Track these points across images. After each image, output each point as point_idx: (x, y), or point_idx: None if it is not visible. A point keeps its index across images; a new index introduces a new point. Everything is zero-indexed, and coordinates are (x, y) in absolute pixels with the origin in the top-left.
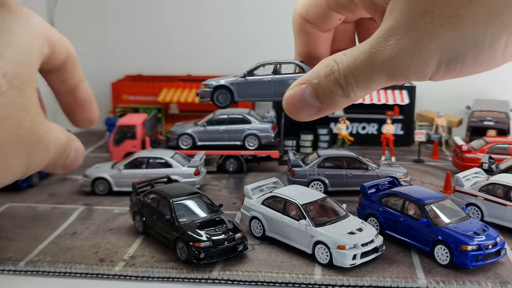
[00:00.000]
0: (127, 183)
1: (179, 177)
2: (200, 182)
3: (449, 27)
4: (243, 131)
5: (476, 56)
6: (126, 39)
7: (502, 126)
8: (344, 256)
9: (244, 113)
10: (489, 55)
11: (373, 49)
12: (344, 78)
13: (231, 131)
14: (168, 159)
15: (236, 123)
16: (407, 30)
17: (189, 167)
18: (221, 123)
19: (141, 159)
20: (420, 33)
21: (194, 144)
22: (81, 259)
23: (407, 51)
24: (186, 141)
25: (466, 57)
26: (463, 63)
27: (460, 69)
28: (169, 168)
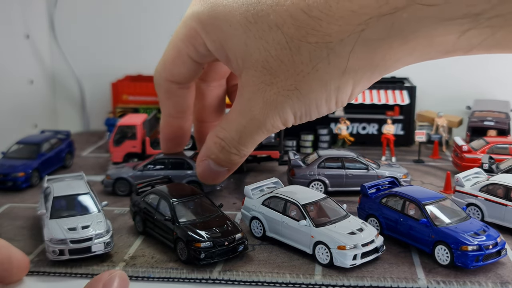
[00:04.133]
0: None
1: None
2: (222, 184)
3: (293, 97)
4: None
5: (317, 112)
6: (126, 39)
7: (503, 126)
8: (345, 256)
9: None
10: (326, 109)
11: (245, 119)
12: (234, 148)
13: None
14: (189, 160)
15: None
16: (265, 101)
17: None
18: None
19: (161, 160)
20: (275, 101)
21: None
22: (81, 259)
23: (272, 115)
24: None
25: (311, 113)
26: (310, 116)
27: (309, 119)
28: (189, 170)
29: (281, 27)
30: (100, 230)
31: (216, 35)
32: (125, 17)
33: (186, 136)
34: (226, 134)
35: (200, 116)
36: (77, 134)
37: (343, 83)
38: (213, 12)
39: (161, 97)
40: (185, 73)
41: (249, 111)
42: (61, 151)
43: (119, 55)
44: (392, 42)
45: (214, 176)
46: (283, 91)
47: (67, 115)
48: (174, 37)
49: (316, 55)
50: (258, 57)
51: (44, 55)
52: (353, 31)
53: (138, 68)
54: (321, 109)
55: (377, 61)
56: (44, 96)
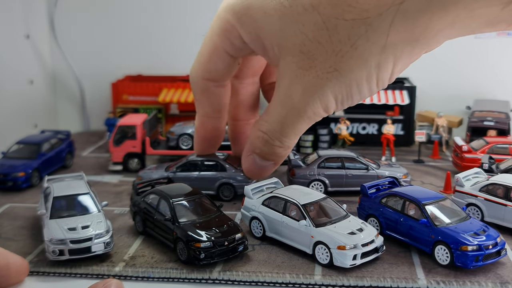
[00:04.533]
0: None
1: (232, 181)
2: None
3: (332, 79)
4: None
5: (359, 93)
6: (126, 39)
7: (503, 126)
8: (344, 256)
9: None
10: (367, 89)
11: (286, 108)
12: (278, 141)
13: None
14: (222, 162)
15: None
16: (304, 87)
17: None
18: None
19: (194, 162)
20: (314, 86)
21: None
22: (81, 259)
23: (312, 101)
24: (186, 141)
25: (353, 96)
26: (352, 99)
27: (351, 103)
28: (222, 172)
29: (316, 7)
30: (100, 230)
31: (251, 25)
32: (125, 17)
33: (221, 136)
34: (268, 127)
35: (234, 114)
36: (77, 134)
37: (383, 59)
38: (247, 2)
39: (198, 96)
40: (222, 69)
41: (289, 99)
42: (61, 151)
43: (119, 55)
44: (432, 14)
45: (261, 171)
46: (322, 74)
47: (67, 115)
48: (210, 33)
49: (354, 32)
50: (295, 41)
51: (44, 55)
52: (392, 3)
53: (138, 68)
54: (362, 90)
55: (417, 34)
56: (44, 96)
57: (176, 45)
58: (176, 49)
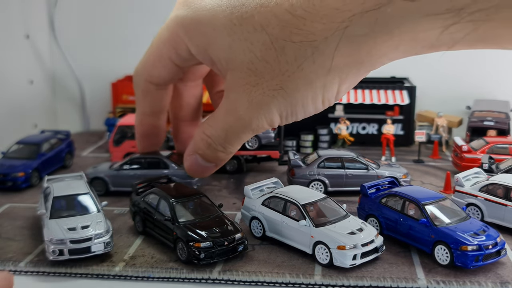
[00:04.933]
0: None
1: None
2: (197, 183)
3: (278, 97)
4: None
5: (304, 112)
6: (126, 39)
7: (502, 126)
8: (344, 256)
9: None
10: (313, 108)
11: (231, 118)
12: (221, 146)
13: None
14: (165, 159)
15: None
16: (250, 102)
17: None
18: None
19: (137, 160)
20: (260, 102)
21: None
22: (81, 259)
23: (257, 116)
24: None
25: (298, 113)
26: (297, 116)
27: (295, 119)
28: (165, 169)
29: (266, 27)
30: (100, 230)
31: (199, 39)
32: (125, 17)
33: (161, 134)
34: (213, 132)
35: (177, 115)
36: (77, 134)
37: (329, 81)
38: (197, 16)
39: (138, 96)
40: (165, 75)
41: (234, 111)
42: (61, 151)
43: (119, 55)
44: (376, 38)
45: (202, 170)
46: (268, 91)
47: (67, 115)
48: (157, 40)
49: (300, 54)
50: (243, 59)
51: (44, 55)
52: (337, 28)
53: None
54: (307, 109)
55: (362, 58)
56: (44, 96)
57: None
58: None
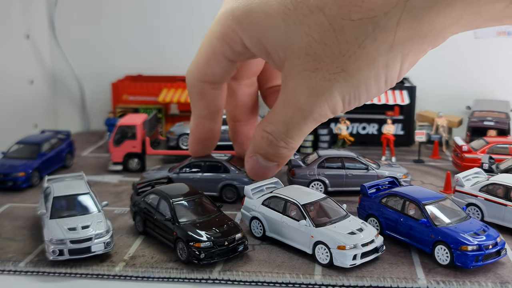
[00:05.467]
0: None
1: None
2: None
3: (340, 80)
4: None
5: (367, 94)
6: (126, 39)
7: (502, 126)
8: (344, 256)
9: None
10: (376, 89)
11: (291, 110)
12: (283, 142)
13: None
14: (225, 163)
15: None
16: (311, 89)
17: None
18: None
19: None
20: (321, 88)
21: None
22: (81, 259)
23: (319, 103)
24: (186, 141)
25: (361, 96)
26: (360, 100)
27: (358, 103)
28: (225, 173)
29: (322, 8)
30: (100, 230)
31: (253, 30)
32: (125, 17)
33: (216, 138)
34: (273, 128)
35: (234, 115)
36: (77, 134)
37: (391, 58)
38: (249, 6)
39: (193, 98)
40: (220, 72)
41: (294, 101)
42: (61, 151)
43: (119, 55)
44: (438, 10)
45: (264, 172)
46: (329, 75)
47: (67, 115)
48: (208, 36)
49: (361, 32)
50: (301, 44)
51: (44, 55)
52: (398, 1)
53: (138, 68)
54: (370, 90)
55: (424, 31)
56: (44, 96)
57: (176, 45)
58: (176, 49)
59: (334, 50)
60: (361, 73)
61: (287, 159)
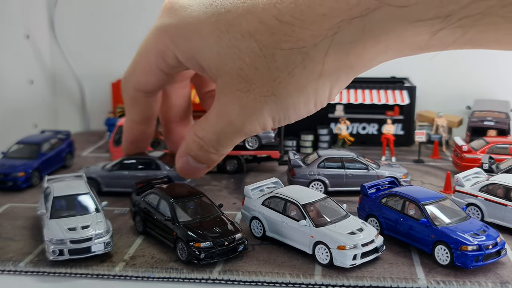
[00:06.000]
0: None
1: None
2: (190, 184)
3: (270, 102)
4: None
5: (296, 115)
6: (126, 39)
7: (503, 126)
8: (344, 256)
9: None
10: (305, 111)
11: (223, 123)
12: (213, 148)
13: None
14: (157, 160)
15: None
16: (242, 107)
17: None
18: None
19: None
20: (252, 108)
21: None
22: (81, 259)
23: (249, 121)
24: None
25: (290, 117)
26: (289, 119)
27: (288, 122)
28: (157, 170)
29: (253, 35)
30: (100, 230)
31: (186, 46)
32: (125, 17)
33: (149, 139)
34: (205, 134)
35: (167, 116)
36: (77, 134)
37: (320, 85)
38: (182, 24)
39: (127, 104)
40: (154, 83)
41: (226, 115)
42: (61, 151)
43: (119, 55)
44: (365, 43)
45: (194, 172)
46: (260, 97)
47: (67, 115)
48: (143, 49)
49: (291, 60)
50: (233, 66)
51: (44, 55)
52: (326, 35)
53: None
54: (299, 112)
55: (351, 62)
56: (44, 96)
57: None
58: None
59: (265, 75)
60: (290, 98)
61: (216, 162)
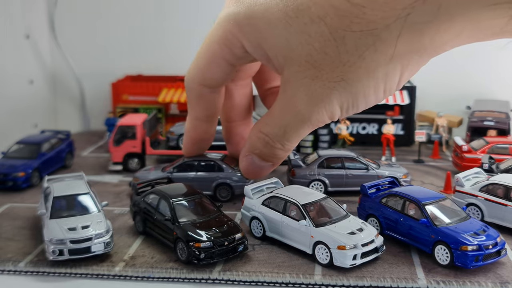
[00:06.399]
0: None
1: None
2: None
3: (339, 88)
4: None
5: (365, 102)
6: (126, 39)
7: (502, 126)
8: (344, 256)
9: None
10: (374, 98)
11: (290, 114)
12: (279, 143)
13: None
14: (219, 162)
15: None
16: (310, 95)
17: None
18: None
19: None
20: (321, 95)
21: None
22: (81, 259)
23: (317, 109)
24: None
25: (359, 104)
26: (358, 107)
27: (356, 111)
28: (219, 172)
29: (323, 18)
30: (100, 230)
31: (254, 35)
32: (125, 17)
33: (211, 139)
34: (270, 130)
35: (228, 115)
36: (77, 134)
37: (391, 69)
38: (250, 11)
39: (192, 101)
40: (220, 76)
41: (293, 106)
42: (61, 151)
43: (119, 55)
44: (439, 25)
45: (258, 171)
46: (328, 83)
47: (67, 115)
48: (209, 40)
49: (361, 43)
50: (301, 52)
51: (44, 55)
52: (399, 15)
53: (138, 68)
54: (369, 99)
55: (425, 44)
56: (44, 96)
57: (176, 45)
58: (176, 49)
59: (334, 59)
60: (360, 82)
61: (282, 159)
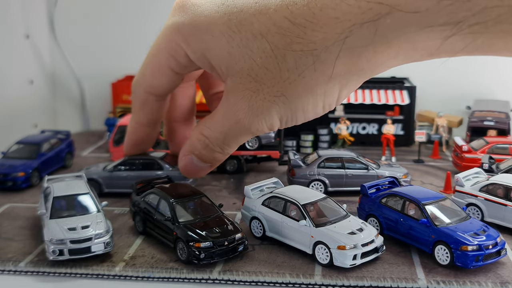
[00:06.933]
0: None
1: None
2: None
3: (279, 102)
4: None
5: (304, 117)
6: (126, 39)
7: (503, 126)
8: (345, 256)
9: None
10: (313, 113)
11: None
12: (218, 147)
13: None
14: (159, 161)
15: None
16: (251, 107)
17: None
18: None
19: (131, 161)
20: (261, 108)
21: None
22: (81, 259)
23: (257, 120)
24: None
25: (298, 118)
26: (297, 121)
27: (295, 123)
28: (159, 170)
29: (265, 35)
30: (100, 230)
31: (198, 45)
32: (125, 17)
33: (152, 141)
34: (211, 133)
35: (171, 116)
36: (77, 134)
37: (329, 88)
38: (194, 22)
39: (136, 106)
40: (165, 84)
41: (234, 114)
42: (61, 151)
43: (119, 55)
44: (376, 48)
45: (197, 171)
46: (269, 97)
47: (67, 115)
48: (154, 49)
49: (301, 62)
50: (243, 65)
51: (44, 55)
52: (338, 38)
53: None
54: (307, 114)
55: (362, 65)
56: (44, 96)
57: None
58: None
59: (275, 75)
60: (299, 99)
61: (220, 162)
